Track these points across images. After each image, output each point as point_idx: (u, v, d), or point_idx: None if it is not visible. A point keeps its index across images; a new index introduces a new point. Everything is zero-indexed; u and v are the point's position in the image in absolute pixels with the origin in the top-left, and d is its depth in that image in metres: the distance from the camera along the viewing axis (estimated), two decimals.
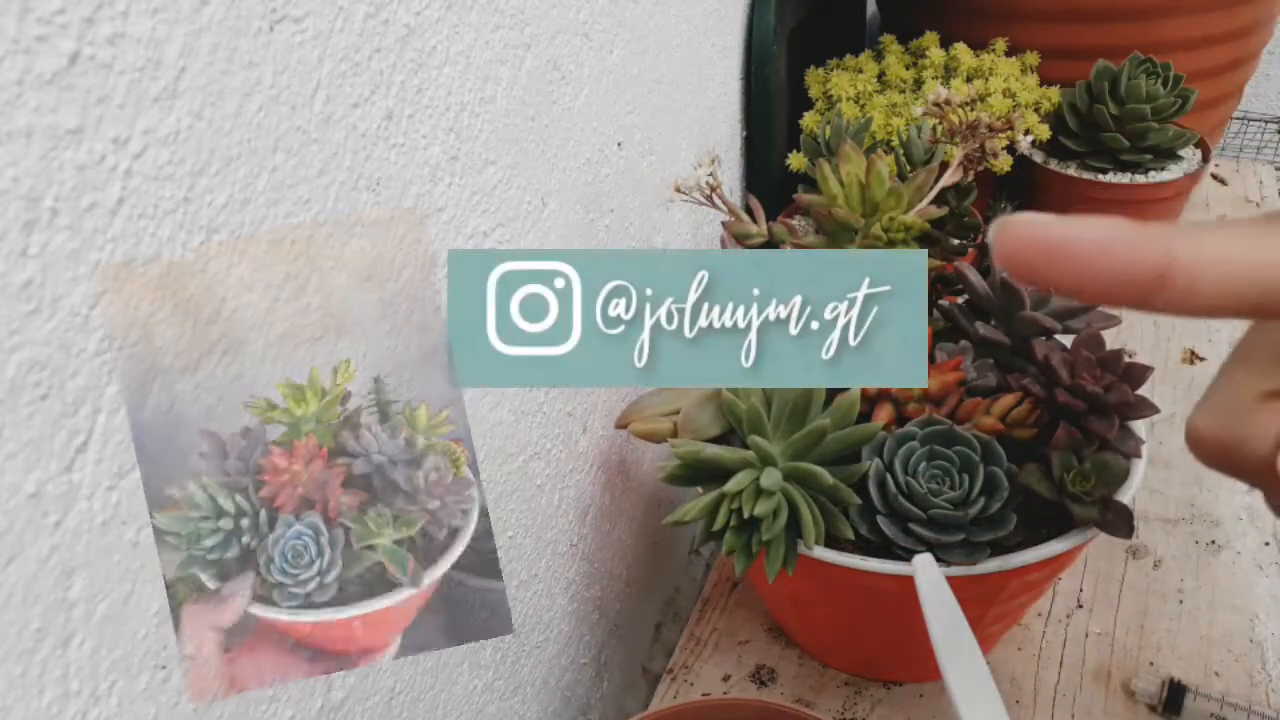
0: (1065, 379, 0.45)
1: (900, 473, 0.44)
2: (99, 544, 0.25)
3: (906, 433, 0.45)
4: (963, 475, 0.44)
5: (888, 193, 0.48)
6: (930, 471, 0.44)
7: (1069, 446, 0.44)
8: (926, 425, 0.45)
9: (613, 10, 0.49)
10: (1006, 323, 0.49)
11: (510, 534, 0.47)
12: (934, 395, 0.47)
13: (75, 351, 0.24)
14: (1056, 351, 0.46)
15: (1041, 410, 0.46)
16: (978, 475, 0.44)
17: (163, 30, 0.24)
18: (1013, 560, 0.43)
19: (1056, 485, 0.44)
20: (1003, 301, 0.49)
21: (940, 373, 0.47)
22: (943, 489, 0.44)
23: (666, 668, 0.57)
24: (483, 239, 0.41)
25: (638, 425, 0.48)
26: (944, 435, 0.45)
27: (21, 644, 0.24)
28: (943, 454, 0.44)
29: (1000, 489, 0.44)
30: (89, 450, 0.25)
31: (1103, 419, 0.45)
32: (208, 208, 0.27)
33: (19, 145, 0.22)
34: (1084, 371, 0.45)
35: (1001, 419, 0.46)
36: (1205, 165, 0.78)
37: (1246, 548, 0.61)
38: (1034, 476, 0.44)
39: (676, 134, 0.60)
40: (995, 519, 0.43)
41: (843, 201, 0.49)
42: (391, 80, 0.33)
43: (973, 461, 0.44)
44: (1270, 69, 1.35)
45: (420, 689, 0.42)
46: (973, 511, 0.43)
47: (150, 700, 0.28)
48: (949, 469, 0.44)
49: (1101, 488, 0.44)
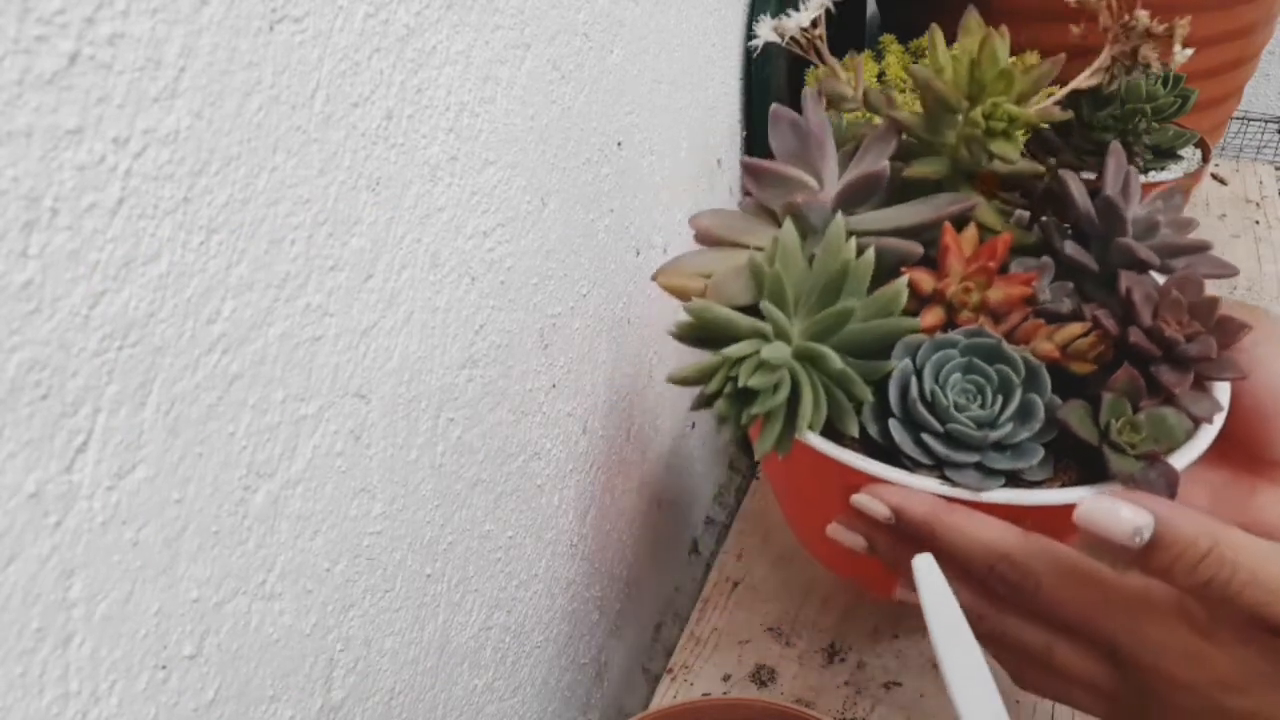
0: (1144, 318, 0.39)
1: (929, 379, 0.39)
2: (99, 544, 0.25)
3: (948, 339, 0.40)
4: (996, 396, 0.39)
5: (999, 74, 0.42)
6: (962, 385, 0.39)
7: (1126, 391, 0.39)
8: (972, 335, 0.40)
9: (613, 10, 0.49)
10: (1102, 249, 0.43)
11: (510, 534, 0.47)
12: (995, 307, 0.41)
13: (75, 351, 0.24)
14: (1143, 286, 0.40)
15: (1109, 347, 0.40)
16: (1013, 399, 0.39)
17: (162, 30, 0.24)
18: (1027, 496, 0.38)
19: (1101, 430, 0.38)
20: (1102, 223, 0.42)
21: (1007, 285, 0.41)
22: (969, 405, 0.39)
23: (666, 668, 0.57)
24: (482, 239, 0.41)
25: (668, 278, 0.43)
26: (988, 350, 0.39)
27: (21, 644, 0.24)
28: (980, 369, 0.39)
29: (1034, 418, 0.39)
30: (89, 450, 0.25)
31: (1175, 370, 0.39)
32: (208, 207, 0.27)
33: (19, 145, 0.22)
34: (1167, 313, 0.39)
35: (1062, 348, 0.40)
36: (1205, 165, 0.78)
37: None
38: (1076, 414, 0.38)
39: (676, 134, 0.60)
40: (1019, 449, 0.39)
41: (949, 76, 0.43)
42: (391, 80, 0.33)
43: (1011, 384, 0.39)
44: (1270, 69, 1.35)
45: (420, 689, 0.42)
46: (996, 435, 0.38)
47: (150, 700, 0.28)
48: (983, 386, 0.39)
49: (1150, 444, 0.38)
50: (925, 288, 0.41)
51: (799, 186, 0.43)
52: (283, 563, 0.32)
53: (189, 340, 0.27)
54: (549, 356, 0.48)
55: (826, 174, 0.44)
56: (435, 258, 0.38)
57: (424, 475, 0.40)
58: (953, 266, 0.41)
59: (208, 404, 0.28)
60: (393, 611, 0.39)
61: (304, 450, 0.32)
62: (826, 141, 0.43)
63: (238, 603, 0.31)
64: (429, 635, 0.42)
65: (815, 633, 0.58)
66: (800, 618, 0.59)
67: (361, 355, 0.34)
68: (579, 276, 0.50)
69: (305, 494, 0.33)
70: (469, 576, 0.45)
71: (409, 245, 0.36)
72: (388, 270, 0.35)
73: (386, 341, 0.36)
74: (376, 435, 0.36)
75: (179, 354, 0.27)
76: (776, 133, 0.44)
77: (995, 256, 0.41)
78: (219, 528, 0.29)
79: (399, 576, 0.39)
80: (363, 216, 0.33)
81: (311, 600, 0.34)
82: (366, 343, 0.35)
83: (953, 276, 0.41)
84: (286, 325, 0.31)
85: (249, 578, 0.31)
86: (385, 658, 0.39)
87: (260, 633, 0.32)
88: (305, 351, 0.32)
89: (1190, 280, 0.40)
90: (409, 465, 0.38)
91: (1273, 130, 1.12)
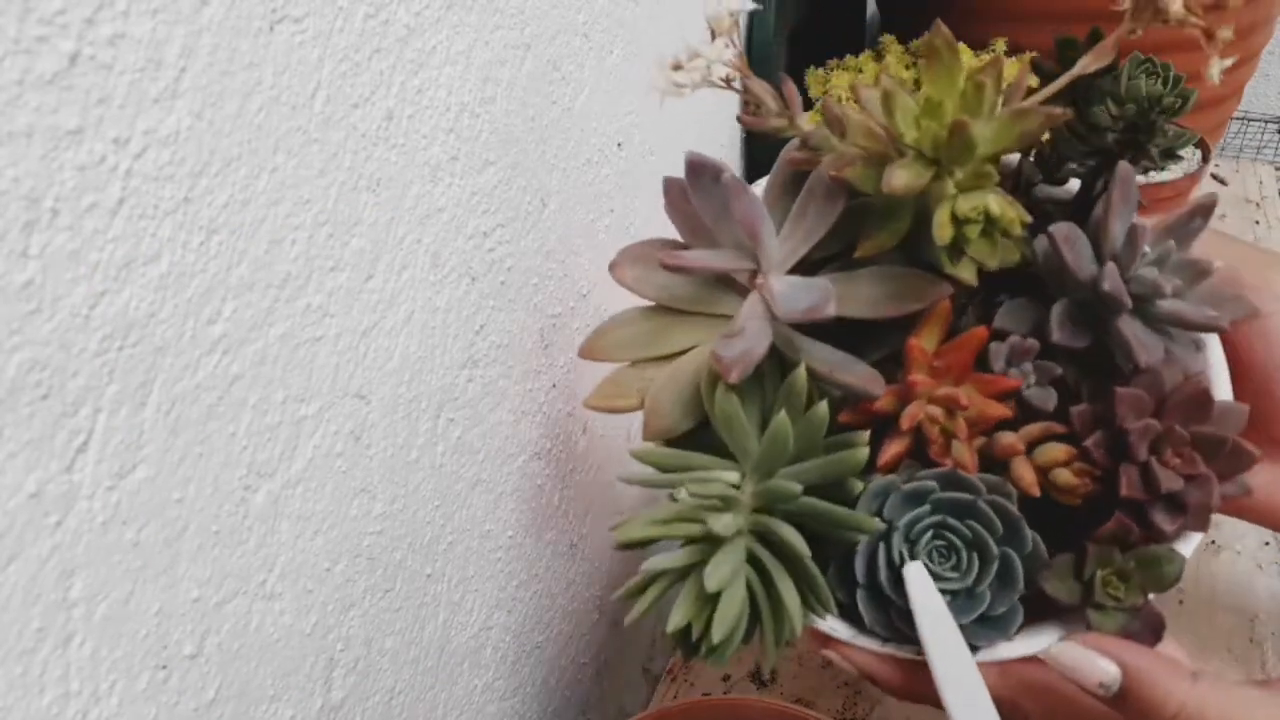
0: (1139, 453, 0.33)
1: (898, 544, 0.34)
2: (99, 544, 0.25)
3: (919, 488, 0.34)
4: (971, 556, 0.34)
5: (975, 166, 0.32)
6: (933, 544, 0.35)
7: (1114, 539, 0.34)
8: (947, 485, 0.34)
9: (612, 11, 0.49)
10: (1093, 325, 0.35)
11: (511, 533, 0.47)
12: (964, 432, 0.35)
13: (75, 351, 0.24)
14: (1139, 412, 0.34)
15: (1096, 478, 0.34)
16: (991, 564, 0.34)
17: (163, 31, 0.24)
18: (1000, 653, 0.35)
19: (1083, 587, 0.34)
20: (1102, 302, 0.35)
21: (986, 393, 0.34)
22: (943, 570, 0.34)
23: (666, 667, 0.57)
24: (483, 239, 0.41)
25: (599, 399, 0.37)
26: (963, 507, 0.34)
27: (21, 644, 0.24)
28: (954, 528, 0.34)
29: (1014, 584, 0.34)
30: (89, 450, 0.25)
31: (1169, 513, 0.34)
32: (208, 208, 0.27)
33: (19, 146, 0.22)
34: (1169, 452, 0.33)
35: (1043, 471, 0.34)
36: (1205, 165, 0.78)
37: (1246, 548, 0.61)
38: (1059, 580, 0.34)
39: (676, 134, 0.60)
40: (999, 620, 0.34)
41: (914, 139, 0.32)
42: (391, 80, 0.33)
43: (988, 547, 0.34)
44: (1270, 69, 1.35)
45: (420, 689, 0.42)
46: (975, 612, 0.34)
47: (150, 700, 0.28)
48: (957, 547, 0.34)
49: (1136, 594, 0.34)
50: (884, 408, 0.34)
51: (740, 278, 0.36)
52: (283, 563, 0.32)
53: (189, 340, 0.27)
54: (549, 356, 0.48)
55: (764, 261, 0.35)
56: (436, 258, 0.38)
57: (424, 475, 0.40)
58: (919, 390, 0.34)
59: (208, 404, 0.28)
60: (393, 611, 0.39)
61: (304, 450, 0.32)
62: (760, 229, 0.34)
63: (238, 603, 0.31)
64: (429, 635, 0.42)
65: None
66: None
67: (362, 355, 0.34)
68: (579, 276, 0.50)
69: (305, 494, 0.33)
70: (469, 576, 0.45)
71: (409, 245, 0.36)
72: (388, 270, 0.35)
73: (387, 342, 0.36)
74: (377, 435, 0.36)
75: (179, 354, 0.27)
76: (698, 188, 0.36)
77: (968, 366, 0.34)
78: (219, 528, 0.29)
79: (399, 576, 0.39)
80: (363, 217, 0.33)
81: (312, 600, 0.34)
82: (367, 343, 0.35)
83: (919, 402, 0.34)
84: (287, 326, 0.31)
85: (249, 578, 0.31)
86: (385, 657, 0.39)
87: (260, 632, 0.32)
88: (306, 352, 0.32)
89: (1197, 398, 0.34)
90: (409, 465, 0.38)
91: (1273, 130, 1.12)
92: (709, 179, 0.35)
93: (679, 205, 0.37)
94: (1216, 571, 0.59)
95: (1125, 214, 0.35)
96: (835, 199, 0.35)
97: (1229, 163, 1.05)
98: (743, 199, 0.34)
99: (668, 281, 0.37)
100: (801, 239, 0.35)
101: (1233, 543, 0.61)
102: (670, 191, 0.37)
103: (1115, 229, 0.35)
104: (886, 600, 0.35)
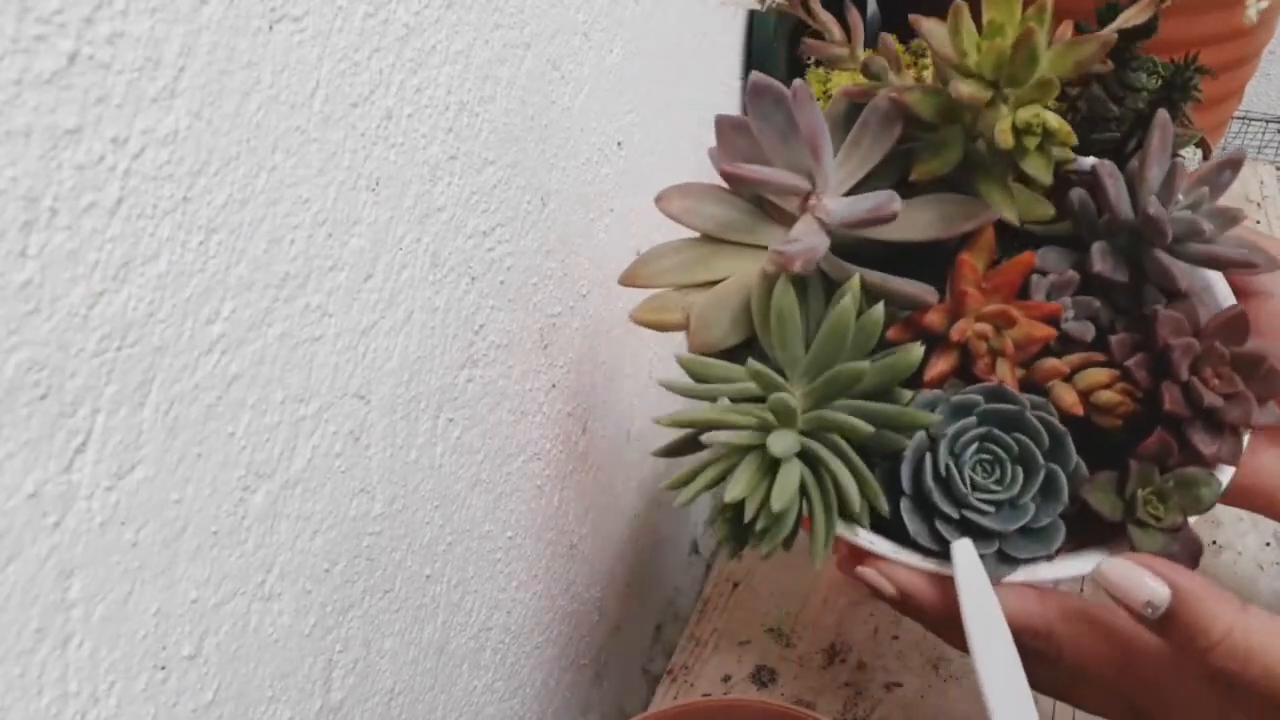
0: (1181, 372, 0.34)
1: (944, 454, 0.35)
2: (98, 544, 0.25)
3: (966, 400, 0.35)
4: (1016, 469, 0.35)
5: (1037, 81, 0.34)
6: (979, 458, 0.35)
7: (1156, 457, 0.35)
8: (992, 398, 0.35)
9: (612, 10, 0.49)
10: (1135, 253, 0.37)
11: (510, 534, 0.47)
12: (1011, 352, 0.36)
13: (74, 351, 0.24)
14: (1181, 332, 0.35)
15: (1136, 399, 0.35)
16: (1036, 476, 0.35)
17: (161, 30, 0.24)
18: (1043, 573, 0.35)
19: (1125, 504, 0.35)
20: (1141, 230, 0.36)
21: (1028, 322, 0.35)
22: (987, 482, 0.35)
23: (666, 668, 0.56)
24: (482, 238, 0.41)
25: (644, 313, 0.37)
26: (1009, 418, 0.35)
27: (20, 644, 0.24)
28: (1000, 440, 0.35)
29: (1058, 497, 0.35)
30: (88, 450, 0.24)
31: (1209, 433, 0.35)
32: (207, 207, 0.27)
33: (18, 145, 0.21)
34: (1208, 369, 0.35)
35: (1085, 395, 0.35)
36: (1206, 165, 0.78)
37: (1247, 548, 0.61)
38: (1101, 491, 0.35)
39: (676, 134, 0.60)
40: (1041, 533, 0.35)
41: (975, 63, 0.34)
42: (391, 79, 0.33)
43: (1033, 457, 0.35)
44: (1270, 69, 1.35)
45: (420, 690, 0.42)
46: (1018, 523, 0.34)
47: (150, 700, 0.28)
48: (1002, 459, 0.35)
49: (1176, 514, 0.35)
50: (935, 323, 0.36)
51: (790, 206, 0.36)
52: (282, 563, 0.32)
53: (188, 340, 0.27)
54: (549, 356, 0.48)
55: (820, 181, 0.36)
56: (435, 257, 0.38)
57: (423, 475, 0.39)
58: (969, 304, 0.36)
59: (207, 404, 0.28)
60: (392, 612, 0.39)
61: (303, 451, 0.32)
62: (822, 144, 0.35)
63: (237, 603, 0.31)
64: (428, 636, 0.42)
65: (815, 633, 0.58)
66: (800, 618, 0.59)
67: (361, 355, 0.34)
68: (579, 276, 0.50)
69: (304, 494, 0.33)
70: (469, 577, 0.44)
71: (409, 245, 0.36)
72: (387, 270, 0.35)
73: (386, 341, 0.36)
74: (376, 435, 0.36)
75: (178, 354, 0.27)
76: (759, 110, 0.35)
77: (1014, 287, 0.36)
78: (218, 528, 0.29)
79: (398, 577, 0.39)
80: (362, 216, 0.33)
81: (311, 601, 0.34)
82: (366, 343, 0.34)
83: (968, 318, 0.36)
84: (286, 325, 0.31)
85: (248, 578, 0.31)
86: (385, 659, 0.39)
87: (259, 633, 0.32)
88: (305, 352, 0.32)
89: (1236, 322, 0.35)
90: (408, 466, 0.38)
91: (1273, 130, 1.12)
92: (770, 101, 0.35)
93: (730, 142, 0.37)
94: (1217, 571, 0.59)
95: (1163, 159, 0.36)
96: (891, 126, 0.36)
97: None
98: (810, 111, 0.34)
99: (715, 211, 0.37)
100: (857, 164, 0.36)
101: (1234, 543, 0.61)
102: (722, 128, 0.37)
103: (1153, 172, 0.36)
104: (931, 508, 0.35)
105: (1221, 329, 0.35)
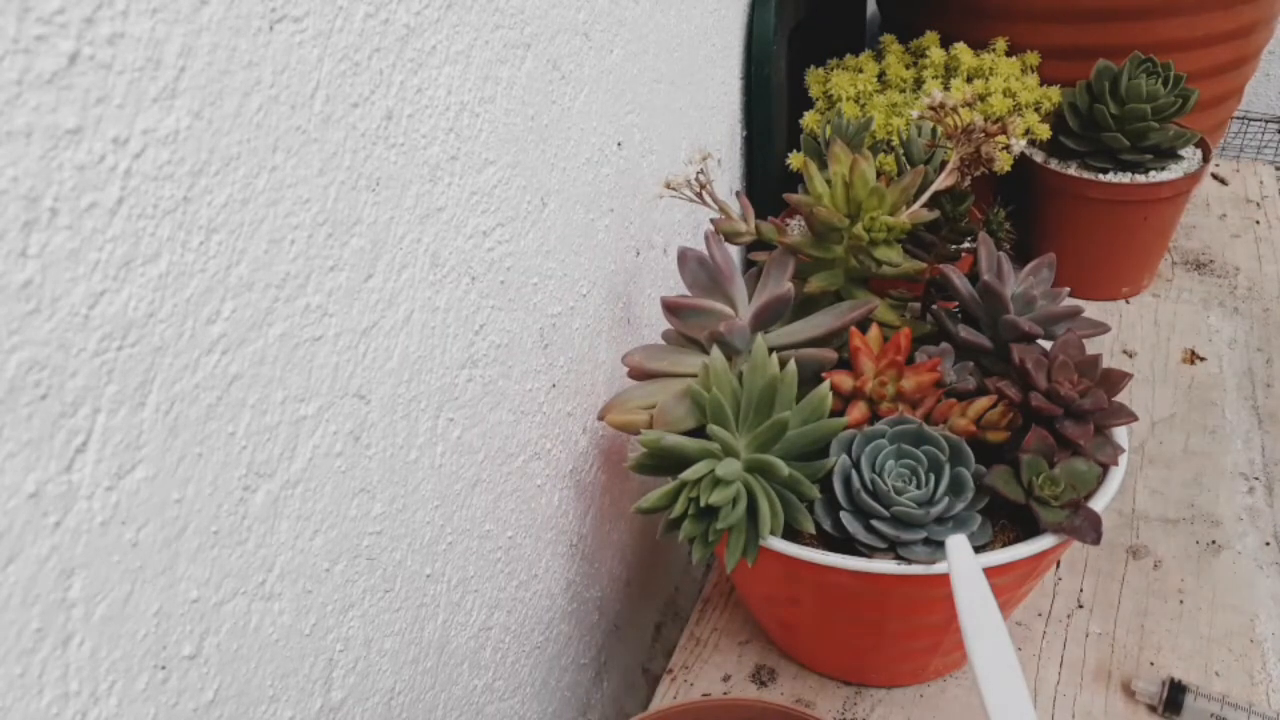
0: (1040, 383, 0.45)
1: (866, 469, 0.44)
2: (98, 544, 0.25)
3: (875, 430, 0.45)
4: (929, 474, 0.44)
5: (870, 192, 0.48)
6: (897, 470, 0.44)
7: (1040, 450, 0.45)
8: (896, 424, 0.45)
9: (613, 10, 0.49)
10: (992, 327, 0.50)
11: (510, 534, 0.47)
12: (909, 395, 0.47)
13: (75, 351, 0.24)
14: (1033, 355, 0.46)
15: (1016, 414, 0.46)
16: (944, 475, 0.44)
17: (162, 30, 0.24)
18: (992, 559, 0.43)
19: (1025, 489, 0.44)
20: (987, 305, 0.50)
21: (916, 373, 0.47)
22: (908, 487, 0.44)
23: (666, 668, 0.56)
24: (482, 239, 0.41)
25: (614, 416, 0.48)
26: (913, 434, 0.45)
27: (21, 644, 0.24)
28: (910, 453, 0.44)
29: (965, 489, 0.44)
30: (88, 450, 0.25)
31: (1077, 424, 0.45)
32: (207, 207, 0.27)
33: (19, 145, 0.22)
34: (1060, 376, 0.45)
35: (976, 421, 0.47)
36: (1206, 165, 0.78)
37: (1247, 548, 0.61)
38: (1002, 479, 0.44)
39: (676, 134, 0.60)
40: (959, 519, 0.44)
41: (828, 201, 0.49)
42: (391, 80, 0.33)
43: (940, 462, 0.44)
44: (1270, 69, 1.35)
45: (420, 689, 0.42)
46: (936, 511, 0.43)
47: (150, 700, 0.28)
48: (915, 468, 0.44)
49: (1070, 493, 0.44)
50: (846, 387, 0.47)
51: (718, 316, 0.48)
52: (282, 563, 0.32)
53: (189, 340, 0.27)
54: (549, 356, 0.48)
55: (738, 300, 0.49)
56: (435, 257, 0.38)
57: (424, 475, 0.39)
58: (865, 365, 0.47)
59: (207, 404, 0.28)
60: (392, 612, 0.39)
61: (304, 450, 0.32)
62: (734, 274, 0.49)
63: (237, 603, 0.31)
64: (429, 635, 0.42)
65: None
66: None
67: (361, 355, 0.34)
68: (579, 276, 0.50)
69: (305, 494, 0.33)
70: (469, 577, 0.45)
71: (409, 245, 0.36)
72: (387, 270, 0.35)
73: (386, 341, 0.36)
74: (376, 435, 0.36)
75: (178, 354, 0.27)
76: (686, 270, 0.50)
77: (901, 350, 0.47)
78: (218, 528, 0.29)
79: (399, 577, 0.39)
80: (362, 216, 0.33)
81: (311, 600, 0.34)
82: (366, 343, 0.35)
83: (867, 374, 0.47)
84: (286, 325, 0.31)
85: (248, 578, 0.31)
86: (385, 658, 0.39)
87: (260, 633, 0.32)
88: (305, 352, 0.32)
89: (1072, 343, 0.46)
90: (409, 465, 0.38)
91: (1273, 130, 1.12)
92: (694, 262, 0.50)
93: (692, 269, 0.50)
94: (1217, 571, 0.59)
95: (991, 257, 0.51)
96: (786, 263, 0.50)
97: (1229, 162, 1.05)
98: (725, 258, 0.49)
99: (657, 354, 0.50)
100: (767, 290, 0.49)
101: (1233, 542, 0.61)
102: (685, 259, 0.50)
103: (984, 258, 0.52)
104: (865, 513, 0.44)
105: (1063, 347, 0.47)
